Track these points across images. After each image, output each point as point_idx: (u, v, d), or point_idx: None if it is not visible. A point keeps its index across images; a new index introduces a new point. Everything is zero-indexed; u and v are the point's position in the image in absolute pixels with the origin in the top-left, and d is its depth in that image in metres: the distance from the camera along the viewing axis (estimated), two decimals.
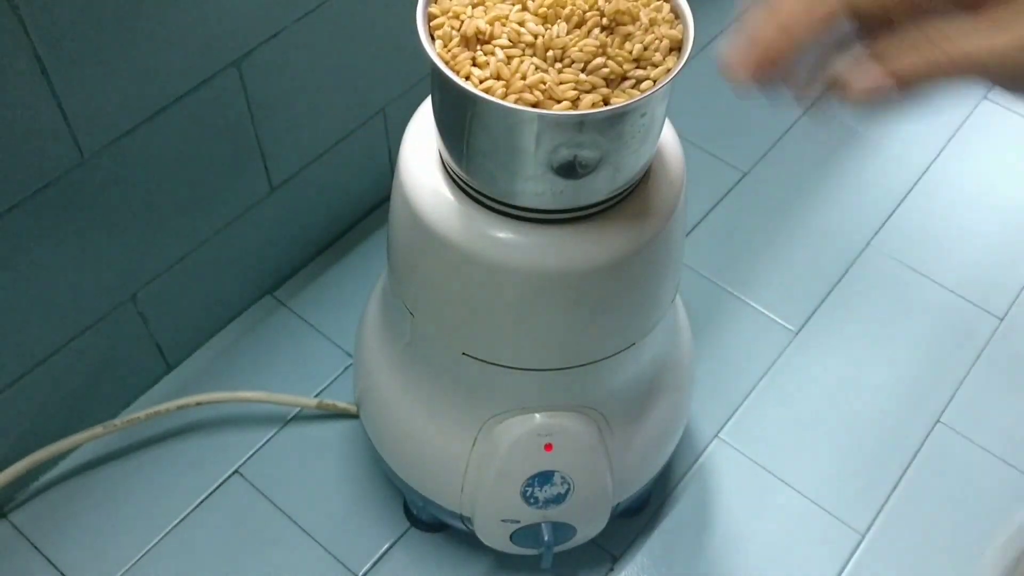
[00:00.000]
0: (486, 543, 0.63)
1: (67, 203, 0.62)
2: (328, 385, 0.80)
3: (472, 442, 0.58)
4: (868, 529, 0.74)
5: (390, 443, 0.64)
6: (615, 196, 0.49)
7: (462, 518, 0.63)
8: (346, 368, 0.81)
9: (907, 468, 0.78)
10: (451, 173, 0.50)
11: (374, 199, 0.91)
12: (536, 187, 0.46)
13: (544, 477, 0.58)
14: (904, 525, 0.75)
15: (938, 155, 0.99)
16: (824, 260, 0.90)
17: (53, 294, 0.66)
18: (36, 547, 0.71)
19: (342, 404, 0.76)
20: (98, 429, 0.71)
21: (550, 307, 0.51)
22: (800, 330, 0.85)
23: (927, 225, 0.93)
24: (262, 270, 0.83)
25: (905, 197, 0.95)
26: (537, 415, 0.57)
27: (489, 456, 0.58)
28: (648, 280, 0.53)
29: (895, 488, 0.76)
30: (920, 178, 0.97)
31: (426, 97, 0.53)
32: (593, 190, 0.47)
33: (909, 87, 0.31)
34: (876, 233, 0.92)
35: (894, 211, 0.94)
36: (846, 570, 0.72)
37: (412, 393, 0.60)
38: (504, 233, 0.49)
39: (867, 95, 0.32)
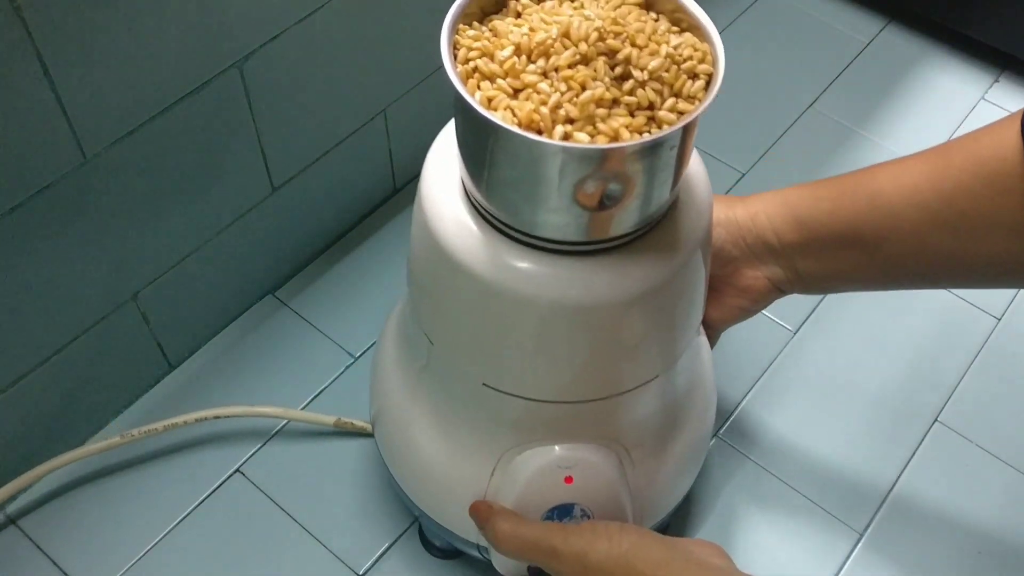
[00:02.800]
0: (503, 573, 0.62)
1: (69, 204, 0.63)
2: (329, 384, 0.80)
3: (491, 472, 0.57)
4: (866, 528, 0.74)
5: (406, 469, 0.63)
6: (642, 227, 0.48)
7: (478, 547, 0.62)
8: (347, 367, 0.81)
9: (905, 467, 0.78)
10: (473, 201, 0.49)
11: (376, 199, 0.91)
12: (561, 219, 0.45)
13: (564, 509, 0.57)
14: (902, 524, 0.75)
15: None
16: None
17: (54, 294, 0.66)
18: (38, 546, 0.71)
19: (359, 423, 0.76)
20: (115, 439, 0.71)
21: (574, 340, 0.50)
22: (798, 329, 0.86)
23: None
24: (264, 270, 0.84)
25: None
26: (557, 447, 0.56)
27: (508, 487, 0.57)
28: (675, 312, 0.52)
29: (893, 487, 0.77)
30: None
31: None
32: (620, 222, 0.46)
33: None
34: None
35: None
36: (844, 569, 0.72)
37: (429, 421, 0.60)
38: (528, 264, 0.48)
39: None
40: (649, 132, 0.43)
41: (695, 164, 0.52)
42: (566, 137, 0.43)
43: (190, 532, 0.72)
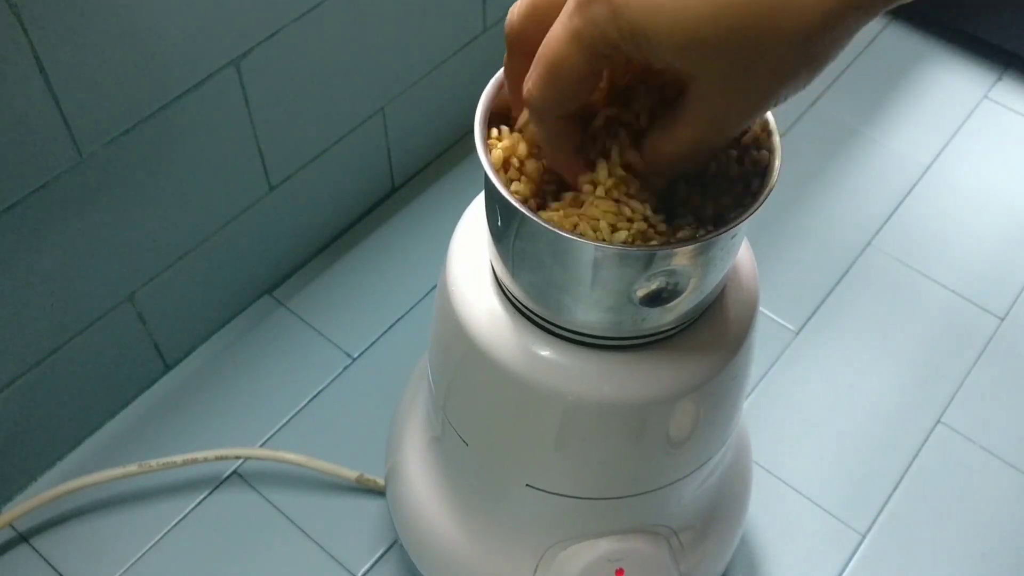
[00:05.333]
0: None
1: (65, 203, 0.62)
2: (327, 386, 0.79)
3: (533, 570, 0.55)
4: (869, 530, 0.74)
5: (435, 568, 0.61)
6: (696, 314, 0.46)
7: None
8: (345, 368, 0.80)
9: (908, 468, 0.77)
10: (507, 293, 0.47)
11: (373, 198, 0.90)
12: (614, 317, 0.43)
13: None
14: (905, 526, 0.74)
15: (939, 154, 0.99)
16: (824, 260, 0.90)
17: (50, 294, 0.65)
18: (34, 548, 0.71)
19: (382, 481, 0.72)
20: (133, 467, 0.70)
21: (623, 438, 0.48)
22: (800, 330, 0.85)
23: (928, 225, 0.93)
24: (261, 270, 0.83)
25: (906, 197, 0.95)
26: (604, 540, 0.53)
27: None
28: (727, 400, 0.50)
29: (896, 488, 0.76)
30: (921, 177, 0.97)
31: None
32: (675, 314, 0.44)
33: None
34: (877, 233, 0.92)
35: (895, 211, 0.94)
36: (847, 571, 0.72)
37: (466, 520, 0.57)
38: (573, 361, 0.45)
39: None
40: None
41: (741, 247, 0.49)
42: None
43: (188, 534, 0.72)
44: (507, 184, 0.42)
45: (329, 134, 0.80)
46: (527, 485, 0.51)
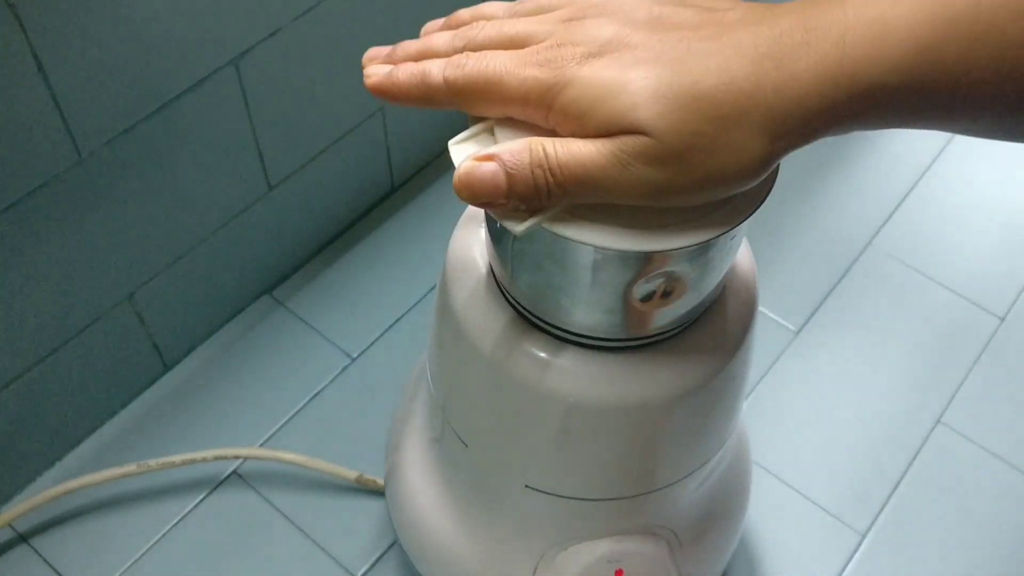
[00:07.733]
0: None
1: (64, 203, 0.62)
2: (327, 385, 0.79)
3: (532, 571, 0.55)
4: (868, 529, 0.74)
5: (435, 569, 0.61)
6: (693, 317, 0.46)
7: None
8: (344, 368, 0.80)
9: (908, 468, 0.77)
10: (505, 294, 0.47)
11: (373, 198, 0.90)
12: (613, 318, 0.43)
13: None
14: (905, 526, 0.74)
15: (939, 154, 0.99)
16: (825, 260, 0.90)
17: (49, 294, 0.65)
18: (33, 548, 0.71)
19: (382, 481, 0.72)
20: (132, 467, 0.70)
21: (622, 439, 0.48)
22: (800, 330, 0.85)
23: (928, 225, 0.93)
24: (260, 269, 0.83)
25: (906, 196, 0.95)
26: (604, 541, 0.53)
27: None
28: (727, 401, 0.50)
29: (896, 488, 0.76)
30: (921, 177, 0.97)
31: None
32: (673, 316, 0.44)
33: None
34: (877, 233, 0.92)
35: (895, 211, 0.94)
36: (846, 571, 0.72)
37: (466, 521, 0.57)
38: (571, 362, 0.45)
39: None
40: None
41: (741, 247, 0.49)
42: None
43: (188, 534, 0.72)
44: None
45: (329, 134, 0.80)
46: (526, 486, 0.51)
